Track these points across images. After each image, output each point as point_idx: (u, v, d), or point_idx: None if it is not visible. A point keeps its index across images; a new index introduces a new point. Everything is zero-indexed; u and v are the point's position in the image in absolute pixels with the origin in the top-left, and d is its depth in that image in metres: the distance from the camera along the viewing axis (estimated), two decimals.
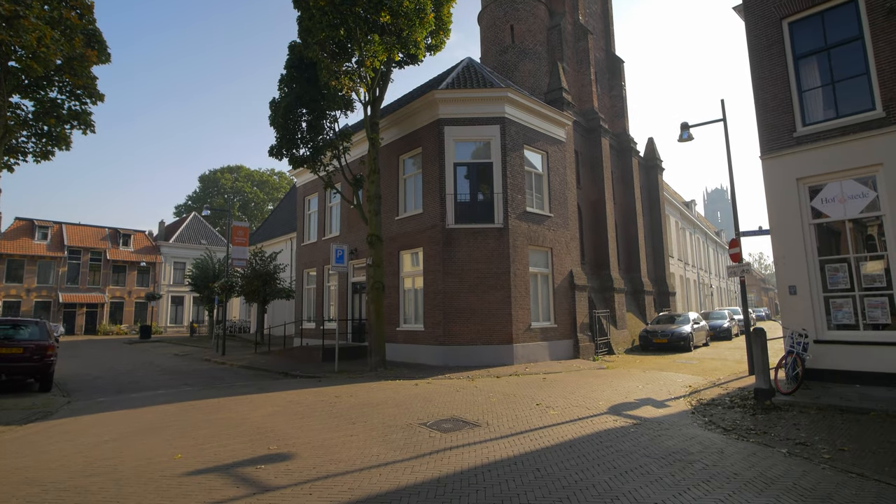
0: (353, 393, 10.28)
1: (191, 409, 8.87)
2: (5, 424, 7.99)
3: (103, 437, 6.86)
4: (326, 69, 14.45)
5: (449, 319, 15.29)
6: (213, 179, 72.42)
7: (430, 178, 16.48)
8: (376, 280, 14.81)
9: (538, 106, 17.60)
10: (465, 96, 16.32)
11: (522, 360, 15.40)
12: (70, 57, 10.44)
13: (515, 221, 16.09)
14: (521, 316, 15.67)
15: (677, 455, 5.82)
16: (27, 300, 41.71)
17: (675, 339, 19.77)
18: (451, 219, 15.80)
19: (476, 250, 15.67)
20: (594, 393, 10.02)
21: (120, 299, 46.85)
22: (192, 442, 6.49)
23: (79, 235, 46.23)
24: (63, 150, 11.94)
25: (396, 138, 18.31)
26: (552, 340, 16.73)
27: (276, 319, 30.06)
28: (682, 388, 10.75)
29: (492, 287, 15.46)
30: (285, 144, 16.74)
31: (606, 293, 21.31)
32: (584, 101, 23.23)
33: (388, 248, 17.23)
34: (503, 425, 7.20)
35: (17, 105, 11.40)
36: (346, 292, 20.25)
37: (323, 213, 22.67)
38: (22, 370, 11.54)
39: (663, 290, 27.27)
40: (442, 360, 15.08)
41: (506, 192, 15.98)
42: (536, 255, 17.05)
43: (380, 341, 14.62)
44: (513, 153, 16.45)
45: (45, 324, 12.70)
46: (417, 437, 6.60)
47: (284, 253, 31.72)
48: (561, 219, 18.13)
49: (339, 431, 6.91)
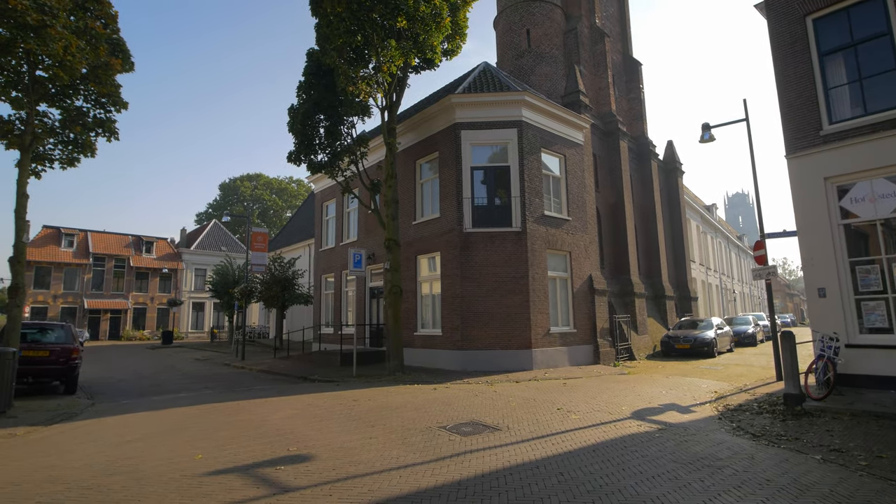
0: (372, 397, 10.24)
1: (211, 412, 8.91)
2: (31, 425, 8.11)
3: (126, 438, 6.92)
4: (344, 75, 14.56)
5: (467, 324, 15.19)
6: (233, 187, 73.58)
7: (447, 183, 16.45)
8: (394, 284, 14.80)
9: (555, 109, 17.49)
10: (482, 100, 16.30)
11: (542, 366, 15.21)
12: (95, 66, 10.67)
13: (533, 225, 15.96)
14: (539, 320, 15.49)
15: (706, 460, 5.64)
16: (54, 306, 42.72)
17: (699, 344, 19.36)
18: (468, 223, 15.73)
19: (494, 254, 15.57)
20: (616, 398, 9.82)
21: (143, 305, 47.71)
22: (212, 443, 6.50)
23: (103, 243, 47.28)
24: (88, 157, 12.18)
25: (413, 143, 18.35)
26: (572, 345, 16.51)
27: (295, 325, 30.28)
28: (707, 394, 10.48)
29: (510, 291, 15.32)
30: (304, 150, 16.90)
31: (626, 298, 20.99)
32: (602, 104, 23.04)
33: (406, 252, 17.23)
34: (524, 429, 7.07)
35: (44, 114, 11.67)
36: (363, 297, 20.29)
37: (341, 219, 22.81)
38: (47, 373, 11.77)
39: (685, 295, 26.78)
40: (460, 364, 14.97)
41: (523, 196, 15.87)
42: (555, 259, 16.88)
43: (397, 346, 14.58)
44: (530, 156, 16.35)
45: (69, 327, 12.96)
46: (437, 440, 6.52)
47: (303, 259, 31.98)
48: (579, 222, 17.93)
49: (358, 434, 6.86)
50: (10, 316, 9.67)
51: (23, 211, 10.14)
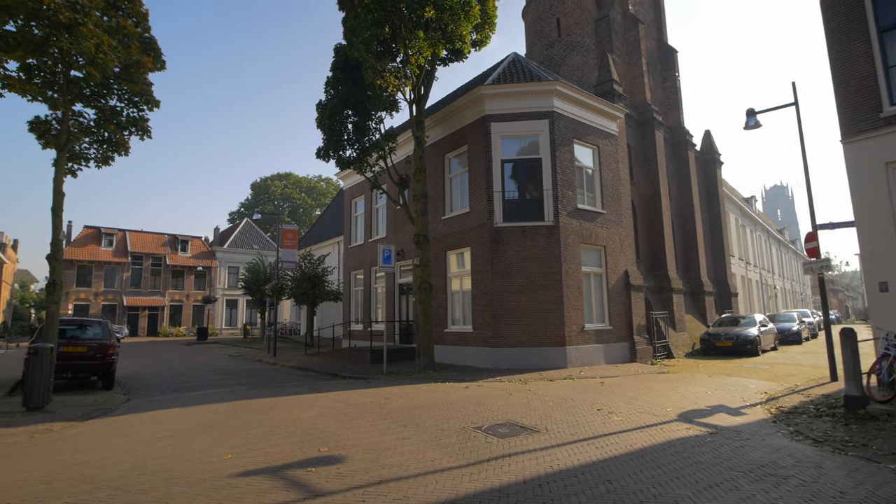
0: (403, 395, 10.01)
1: (242, 409, 8.83)
2: (68, 420, 8.18)
3: (157, 435, 6.85)
4: (371, 68, 14.37)
5: (498, 321, 14.84)
6: (263, 187, 74.85)
7: (476, 176, 16.10)
8: (424, 280, 14.56)
9: (588, 98, 16.91)
10: (512, 91, 15.86)
11: (576, 364, 14.74)
12: (127, 64, 10.72)
13: (566, 219, 15.46)
14: (573, 317, 15.01)
15: (767, 468, 5.17)
16: (95, 303, 44.22)
17: (741, 342, 18.51)
18: (499, 217, 15.35)
19: (525, 249, 15.15)
20: (659, 399, 9.32)
21: (179, 302, 48.94)
22: (242, 442, 6.36)
23: (141, 242, 48.68)
24: (122, 156, 12.31)
25: (442, 137, 18.06)
26: (607, 343, 15.96)
27: (326, 321, 30.45)
28: (756, 395, 9.87)
29: (543, 287, 14.89)
30: (332, 146, 16.81)
31: (664, 294, 20.23)
32: (636, 93, 22.25)
33: (435, 248, 16.97)
34: (564, 431, 6.70)
35: (79, 113, 11.83)
36: (393, 294, 20.14)
37: (369, 215, 22.72)
38: (85, 368, 11.96)
39: (724, 291, 25.74)
40: (492, 362, 14.63)
41: (556, 189, 15.39)
42: (589, 254, 16.34)
43: (428, 343, 14.34)
44: (562, 148, 15.85)
45: (106, 324, 13.17)
46: (473, 441, 6.21)
47: (332, 256, 32.13)
48: (614, 216, 17.32)
49: (391, 434, 6.61)
50: (49, 312, 9.81)
51: (59, 209, 10.28)
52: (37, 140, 11.30)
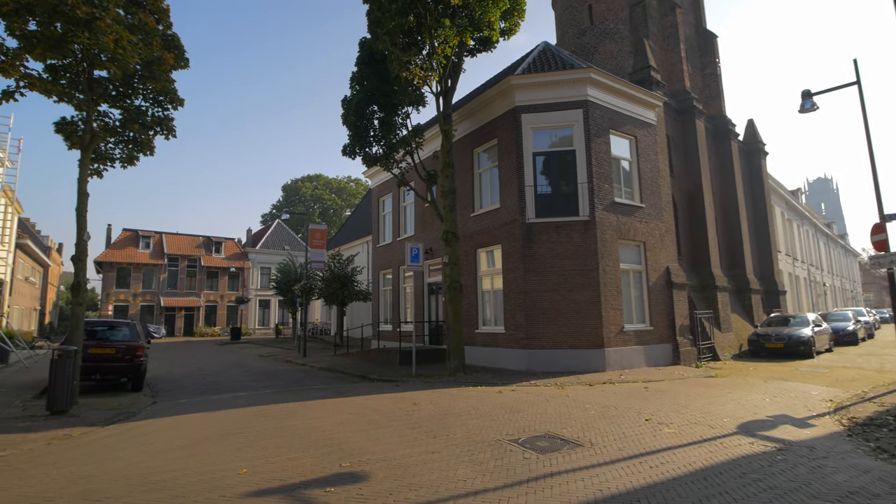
0: (433, 400, 9.47)
1: (264, 415, 8.45)
2: (89, 425, 7.95)
3: (174, 444, 6.50)
4: (396, 61, 13.89)
5: (531, 321, 14.15)
6: (294, 189, 75.73)
7: (507, 171, 15.45)
8: (453, 279, 14.00)
9: (624, 86, 16.02)
10: (544, 80, 15.13)
11: (615, 367, 13.92)
12: (149, 60, 10.52)
13: (603, 213, 14.64)
14: (612, 317, 14.19)
15: (858, 497, 4.39)
16: (134, 304, 45.39)
17: (794, 343, 17.26)
18: (531, 213, 14.66)
19: (560, 246, 14.41)
20: (713, 407, 8.50)
21: (213, 303, 49.81)
22: (260, 453, 5.93)
23: (176, 244, 49.75)
24: (147, 156, 12.17)
25: (470, 131, 17.47)
26: (648, 344, 15.06)
27: (355, 321, 30.26)
28: (821, 404, 8.92)
29: (578, 285, 14.12)
30: (358, 142, 16.43)
31: (707, 292, 19.10)
32: (674, 81, 21.12)
33: (465, 246, 16.39)
34: (611, 446, 6.02)
35: (104, 113, 11.73)
36: (421, 293, 19.66)
37: (397, 214, 22.30)
38: (114, 370, 11.87)
39: (771, 289, 24.28)
40: (525, 364, 13.96)
41: (591, 182, 14.59)
42: (627, 250, 15.47)
43: (458, 344, 13.78)
44: (597, 139, 15.03)
45: (135, 325, 13.09)
46: (509, 457, 5.61)
47: (361, 255, 31.94)
48: (654, 209, 16.38)
49: (419, 447, 6.07)
50: (73, 314, 9.68)
51: (84, 209, 10.15)
52: (63, 141, 11.27)
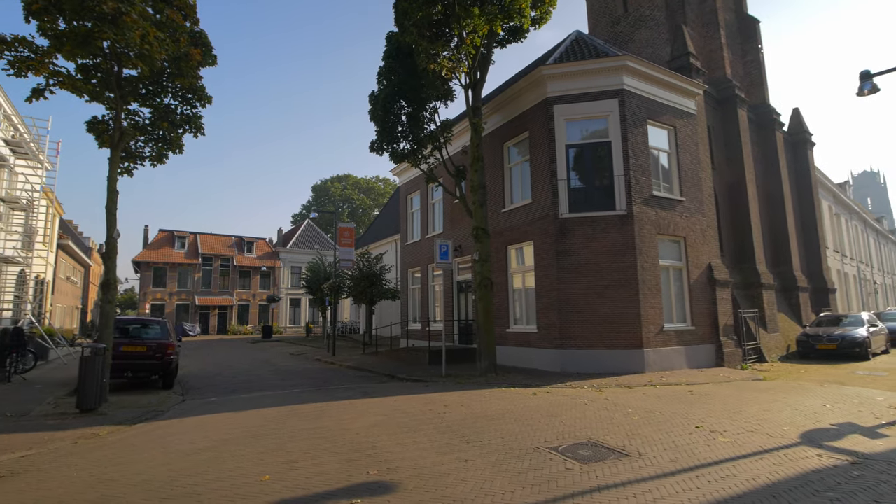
0: (464, 402, 9.07)
1: (292, 415, 8.21)
2: (116, 424, 7.86)
3: (198, 445, 6.29)
4: (424, 53, 13.53)
5: (565, 320, 13.59)
6: (324, 189, 76.51)
7: (539, 164, 14.91)
8: (484, 277, 13.56)
9: (662, 74, 15.26)
10: (577, 69, 14.53)
11: (655, 368, 13.24)
12: (176, 57, 10.45)
13: (641, 207, 13.96)
14: (651, 316, 13.51)
15: None
16: (170, 303, 46.50)
17: (848, 344, 16.17)
18: (564, 207, 14.09)
19: (595, 241, 13.81)
20: (768, 414, 7.83)
21: (246, 301, 50.65)
22: (284, 458, 5.64)
23: (210, 244, 50.76)
24: (176, 154, 12.16)
25: (500, 125, 16.99)
26: (689, 345, 14.30)
27: (384, 320, 30.14)
28: (889, 411, 8.13)
29: (615, 283, 13.49)
30: (385, 138, 16.15)
31: (751, 290, 18.11)
32: (714, 69, 20.12)
33: (495, 243, 15.92)
34: (661, 456, 5.50)
35: (134, 112, 11.76)
36: (451, 292, 19.28)
37: (426, 211, 21.99)
38: (145, 368, 11.90)
39: (820, 287, 22.96)
40: (559, 365, 13.42)
41: (628, 175, 13.93)
42: (667, 246, 14.73)
43: (489, 344, 13.34)
44: (634, 129, 14.35)
45: (166, 323, 13.13)
46: (549, 467, 5.16)
47: (389, 254, 31.80)
48: (695, 203, 15.57)
49: (451, 454, 5.68)
50: (103, 312, 9.67)
51: (113, 207, 10.15)
52: (95, 140, 11.34)
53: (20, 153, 19.14)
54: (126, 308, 79.88)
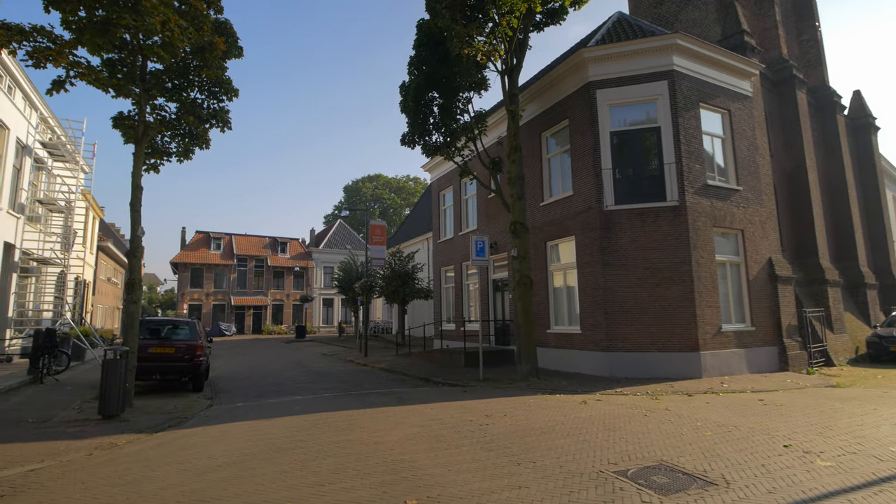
0: (507, 411, 8.27)
1: (321, 426, 7.58)
2: (137, 432, 7.40)
3: (217, 461, 5.70)
4: (457, 37, 12.73)
5: (612, 320, 12.61)
6: (355, 189, 76.74)
7: (580, 154, 13.95)
8: (523, 275, 12.71)
9: (715, 53, 14.06)
10: (622, 50, 13.51)
11: (712, 372, 12.12)
12: (200, 46, 10.00)
13: (694, 197, 12.84)
14: (707, 316, 12.38)
15: None
16: (206, 303, 47.23)
17: None
18: (609, 199, 13.10)
19: (644, 235, 12.77)
20: (864, 429, 6.73)
21: (280, 301, 51.03)
22: (310, 479, 4.98)
23: (245, 245, 51.37)
24: (202, 149, 11.76)
25: (536, 114, 16.10)
26: (749, 347, 13.09)
27: (416, 320, 29.54)
28: None
29: (667, 280, 12.43)
30: (417, 130, 15.49)
31: (814, 287, 16.65)
32: (769, 48, 18.68)
33: (533, 239, 15.01)
34: (756, 486, 4.56)
35: (160, 107, 11.42)
36: (486, 291, 18.47)
37: (459, 207, 21.23)
38: (173, 370, 11.56)
39: (888, 283, 21.10)
40: (606, 369, 12.45)
41: (680, 162, 12.83)
42: (723, 240, 13.55)
43: (530, 346, 12.48)
44: (686, 113, 13.23)
45: (195, 324, 12.78)
46: (622, 499, 4.31)
47: (421, 253, 31.21)
48: (752, 193, 14.30)
49: (501, 478, 4.89)
50: (127, 312, 9.30)
51: (138, 203, 9.78)
52: (121, 136, 11.04)
53: (57, 155, 19.33)
54: (167, 308, 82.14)
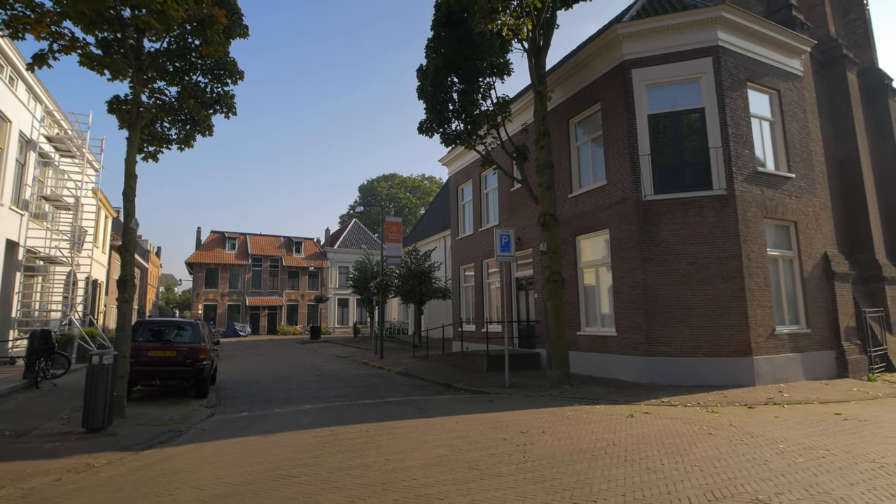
0: (545, 426, 7.17)
1: (330, 442, 6.57)
2: (121, 450, 6.46)
3: (204, 492, 4.72)
4: (480, 11, 11.66)
5: (652, 321, 11.42)
6: (370, 189, 76.09)
7: (614, 139, 12.78)
8: (553, 271, 11.58)
9: (764, 27, 12.77)
10: (660, 25, 12.30)
11: (767, 379, 10.86)
12: (199, 19, 9.08)
13: (744, 186, 11.59)
14: (760, 317, 11.12)
15: None
16: (221, 303, 46.81)
17: None
18: (648, 188, 11.91)
19: (687, 228, 11.55)
20: None
21: (295, 302, 50.44)
22: None
23: (259, 244, 50.88)
24: (205, 136, 10.88)
25: (563, 100, 14.97)
26: (805, 351, 11.79)
27: (433, 321, 28.52)
28: None
29: (714, 276, 11.20)
30: (435, 118, 14.43)
31: (871, 285, 15.20)
32: (815, 27, 17.22)
33: (561, 233, 13.79)
34: None
35: (160, 91, 10.57)
36: (509, 290, 17.34)
37: (479, 202, 20.13)
38: (174, 375, 10.67)
39: None
40: (646, 375, 11.27)
41: (727, 147, 11.59)
42: (774, 233, 12.27)
43: (561, 349, 11.35)
44: (732, 94, 11.98)
45: (198, 325, 11.88)
46: None
47: (438, 251, 30.17)
48: (805, 181, 12.99)
49: None
50: (119, 312, 8.41)
51: (131, 193, 8.89)
52: (117, 120, 10.20)
53: (64, 151, 18.72)
54: (184, 309, 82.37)
